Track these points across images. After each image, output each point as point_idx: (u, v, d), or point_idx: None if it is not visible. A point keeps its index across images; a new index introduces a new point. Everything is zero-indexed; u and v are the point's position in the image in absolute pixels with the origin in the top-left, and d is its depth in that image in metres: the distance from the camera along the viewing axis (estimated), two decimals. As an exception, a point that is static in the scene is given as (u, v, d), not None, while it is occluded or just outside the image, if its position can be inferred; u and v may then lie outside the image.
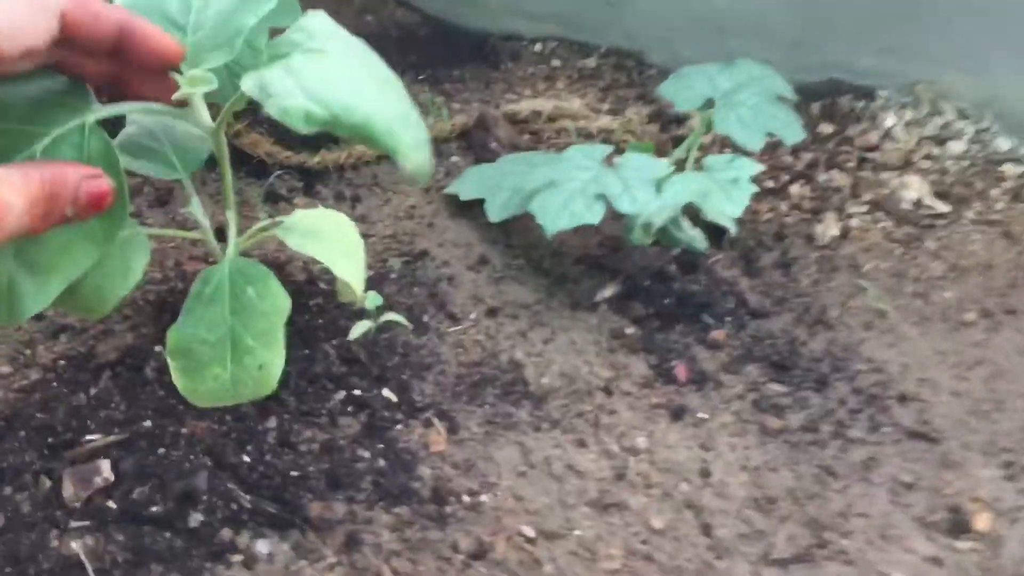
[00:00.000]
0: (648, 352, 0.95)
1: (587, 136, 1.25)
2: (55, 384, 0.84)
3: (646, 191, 0.97)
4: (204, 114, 0.72)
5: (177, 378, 0.72)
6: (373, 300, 0.91)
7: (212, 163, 0.80)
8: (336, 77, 0.64)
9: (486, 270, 1.05)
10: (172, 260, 0.98)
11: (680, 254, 1.05)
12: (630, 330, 0.98)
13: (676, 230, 1.05)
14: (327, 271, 1.00)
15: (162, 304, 0.90)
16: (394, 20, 1.47)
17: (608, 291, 1.01)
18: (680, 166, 1.08)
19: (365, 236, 1.07)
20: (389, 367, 0.91)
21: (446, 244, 1.07)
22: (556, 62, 1.40)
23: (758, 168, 1.00)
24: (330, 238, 0.80)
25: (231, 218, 0.81)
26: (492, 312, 0.99)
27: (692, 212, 1.05)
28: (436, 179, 1.17)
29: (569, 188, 0.98)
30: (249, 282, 0.74)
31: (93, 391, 0.84)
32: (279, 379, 0.71)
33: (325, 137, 1.22)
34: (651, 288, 1.02)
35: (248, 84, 0.63)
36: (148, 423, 0.81)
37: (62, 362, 0.87)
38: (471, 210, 1.11)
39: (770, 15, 1.32)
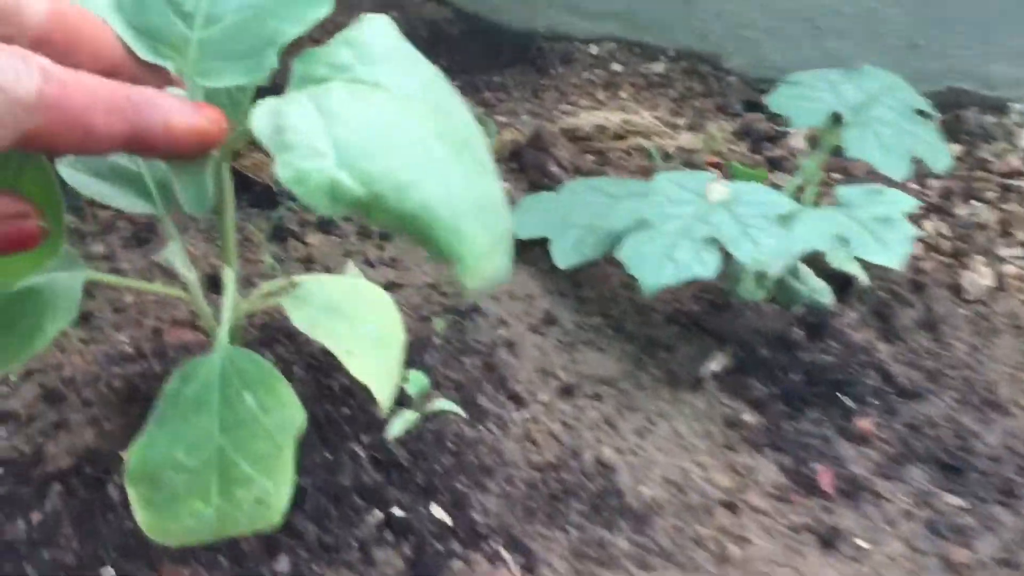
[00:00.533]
0: (777, 449, 0.72)
1: (664, 157, 1.02)
2: (-16, 505, 0.61)
3: (771, 234, 0.74)
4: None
5: (138, 511, 0.49)
6: (417, 382, 0.68)
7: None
8: (391, 134, 0.43)
9: (554, 332, 0.82)
10: (150, 324, 0.74)
11: (803, 313, 0.82)
12: (749, 417, 0.75)
13: (795, 281, 0.82)
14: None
15: (132, 391, 0.66)
16: (422, 16, 1.24)
17: (716, 363, 0.78)
18: (796, 197, 0.85)
19: (397, 285, 0.85)
20: (439, 473, 0.68)
21: (502, 296, 0.84)
22: (616, 67, 1.17)
23: (913, 203, 0.77)
24: (355, 318, 0.58)
25: (229, 280, 0.58)
26: (567, 391, 0.76)
27: (810, 259, 0.82)
28: (482, 211, 0.94)
29: (668, 229, 0.75)
30: (248, 385, 0.52)
31: (36, 516, 0.61)
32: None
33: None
34: (771, 359, 0.78)
35: (261, 122, 0.41)
36: (110, 570, 0.58)
37: (-3, 469, 0.64)
38: (530, 251, 0.88)
39: (879, 11, 1.09)
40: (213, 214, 0.56)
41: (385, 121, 0.43)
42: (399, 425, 0.67)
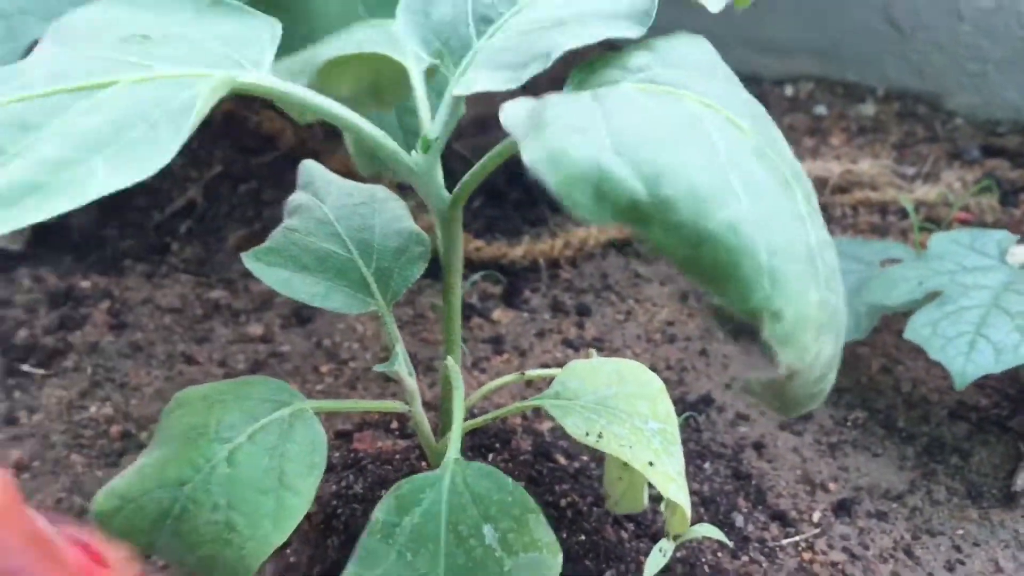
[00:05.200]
0: None
1: (897, 214, 0.86)
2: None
3: (1111, 310, 0.57)
4: (436, 175, 0.39)
5: None
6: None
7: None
8: (692, 135, 0.31)
9: (810, 430, 0.66)
10: (333, 426, 0.61)
11: None
12: (1090, 545, 0.58)
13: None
14: (569, 441, 0.64)
15: (328, 520, 0.53)
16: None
17: (1031, 473, 0.61)
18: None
19: (607, 371, 0.71)
20: (703, 622, 0.52)
21: (736, 385, 0.69)
22: (820, 109, 1.02)
23: None
24: (633, 414, 0.44)
25: (455, 375, 0.45)
26: (844, 508, 0.60)
27: None
28: (692, 279, 0.79)
29: (971, 303, 0.60)
30: (488, 515, 0.39)
31: None
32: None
33: (526, 210, 0.87)
34: (1106, 468, 0.62)
35: (513, 110, 0.32)
36: None
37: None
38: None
39: None
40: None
41: (686, 121, 0.31)
42: (658, 560, 0.52)
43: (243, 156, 0.85)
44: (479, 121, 0.94)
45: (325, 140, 0.87)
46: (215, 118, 0.88)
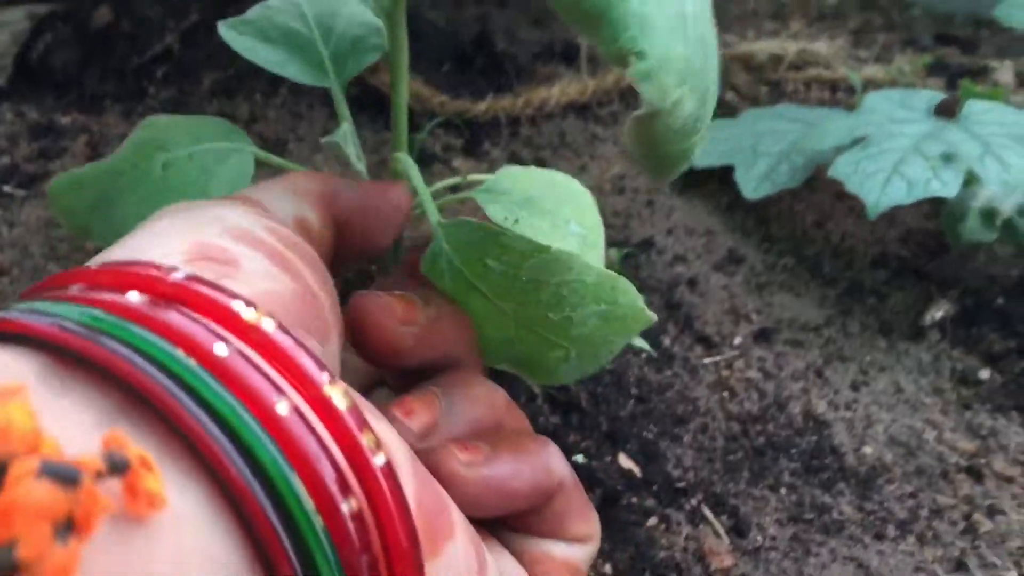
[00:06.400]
0: (1024, 411, 0.61)
1: (847, 91, 0.90)
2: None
3: (1020, 154, 0.62)
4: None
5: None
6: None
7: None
8: None
9: (742, 271, 0.71)
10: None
11: (1039, 258, 0.70)
12: (985, 373, 0.63)
13: (1028, 222, 0.70)
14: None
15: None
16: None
17: (939, 310, 0.66)
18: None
19: (557, 216, 0.75)
20: (624, 420, 0.58)
21: (676, 231, 0.74)
22: (784, -3, 1.05)
23: None
24: (556, 214, 0.48)
25: (408, 163, 0.49)
26: (764, 336, 0.65)
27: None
28: (646, 141, 0.83)
29: (892, 146, 0.64)
30: (487, 253, 0.42)
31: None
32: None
33: (492, 77, 0.90)
34: (1009, 309, 0.66)
35: None
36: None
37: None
38: (703, 185, 0.78)
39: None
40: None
41: None
42: (582, 359, 0.57)
43: (219, 7, 0.88)
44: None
45: None
46: (194, -29, 0.91)
